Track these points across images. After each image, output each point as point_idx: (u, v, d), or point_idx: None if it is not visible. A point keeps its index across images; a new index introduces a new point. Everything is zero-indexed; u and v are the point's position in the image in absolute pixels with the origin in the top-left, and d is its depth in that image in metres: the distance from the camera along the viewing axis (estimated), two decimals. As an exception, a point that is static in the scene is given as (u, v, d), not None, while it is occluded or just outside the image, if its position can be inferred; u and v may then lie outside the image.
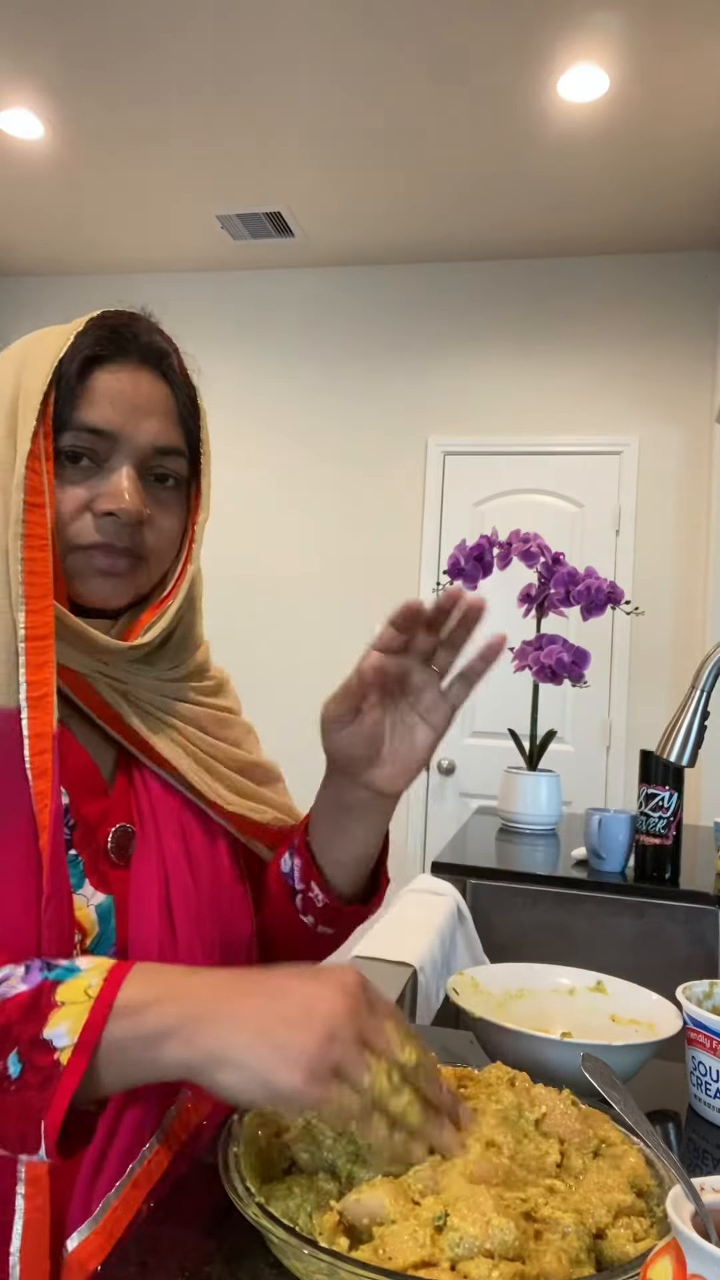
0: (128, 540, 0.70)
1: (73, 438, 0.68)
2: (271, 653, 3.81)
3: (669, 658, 3.46)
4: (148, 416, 0.70)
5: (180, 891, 0.71)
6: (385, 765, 0.70)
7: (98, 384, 0.68)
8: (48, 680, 0.65)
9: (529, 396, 3.66)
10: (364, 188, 3.24)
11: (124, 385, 0.69)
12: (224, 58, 2.59)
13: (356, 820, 0.74)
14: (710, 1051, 0.75)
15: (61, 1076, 0.51)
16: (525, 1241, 0.47)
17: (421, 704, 0.69)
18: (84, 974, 0.55)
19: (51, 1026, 0.52)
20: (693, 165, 2.97)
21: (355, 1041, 0.51)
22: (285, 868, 0.79)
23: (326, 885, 0.76)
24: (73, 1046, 0.51)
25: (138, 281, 4.06)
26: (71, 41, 2.56)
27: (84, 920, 0.65)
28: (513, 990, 0.91)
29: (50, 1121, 0.50)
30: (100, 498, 0.69)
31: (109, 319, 0.71)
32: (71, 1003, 0.53)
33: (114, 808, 0.71)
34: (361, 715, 0.68)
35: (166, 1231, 0.55)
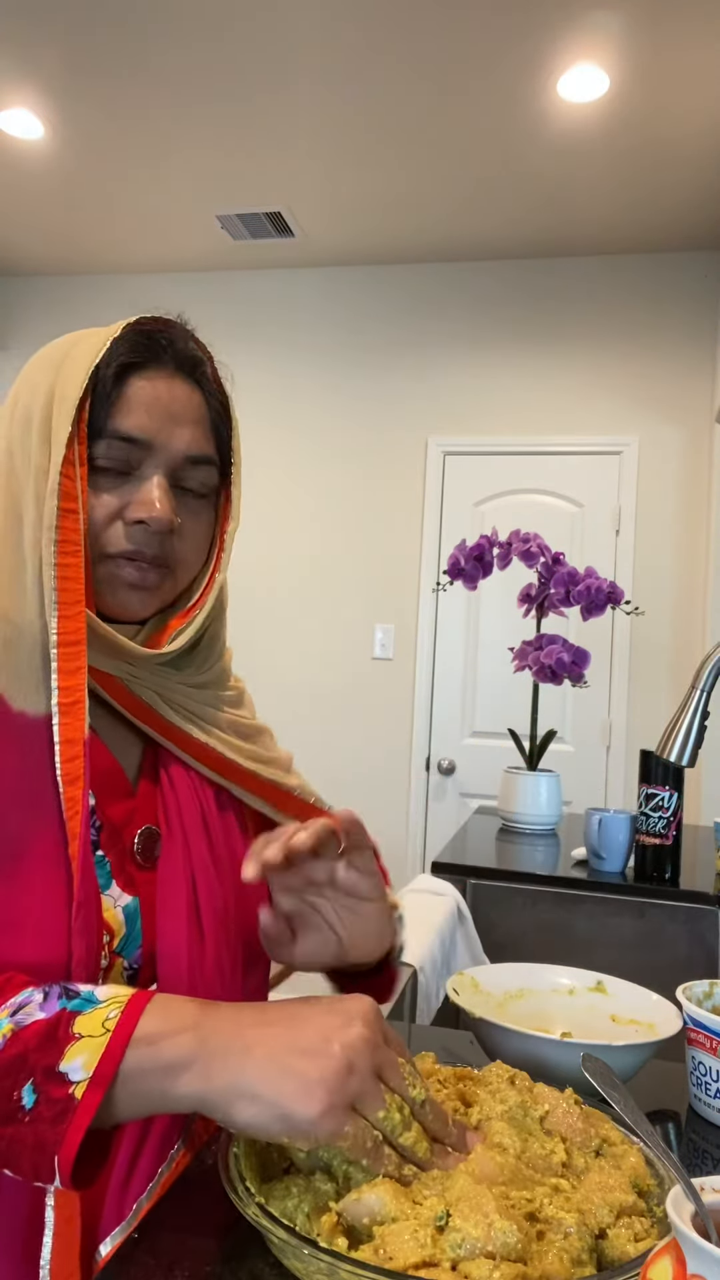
0: (157, 548, 0.70)
1: (107, 445, 0.68)
2: (271, 652, 3.81)
3: (669, 658, 3.46)
4: (181, 425, 0.70)
5: (207, 892, 0.71)
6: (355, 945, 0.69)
7: (133, 391, 0.68)
8: (80, 686, 0.64)
9: (529, 396, 3.66)
10: (364, 188, 3.24)
11: (159, 393, 0.69)
12: (224, 58, 2.59)
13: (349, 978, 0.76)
14: (710, 1051, 0.75)
15: (75, 1111, 0.50)
16: (528, 1243, 0.47)
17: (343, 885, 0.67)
18: (103, 1006, 0.54)
19: (68, 1060, 0.52)
20: (693, 165, 2.97)
21: (372, 1075, 0.52)
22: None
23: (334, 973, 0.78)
24: (88, 1081, 0.51)
25: (138, 281, 4.06)
26: (71, 42, 2.56)
27: (112, 921, 0.65)
28: (513, 990, 0.91)
29: (64, 1156, 0.50)
30: (132, 506, 0.69)
31: (145, 324, 0.71)
32: (89, 1035, 0.52)
33: (140, 809, 0.72)
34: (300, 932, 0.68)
35: (167, 1231, 0.55)
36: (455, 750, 3.62)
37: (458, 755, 3.62)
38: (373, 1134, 0.51)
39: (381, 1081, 0.52)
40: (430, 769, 3.64)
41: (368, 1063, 0.51)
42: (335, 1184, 0.53)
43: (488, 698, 3.61)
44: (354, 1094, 0.50)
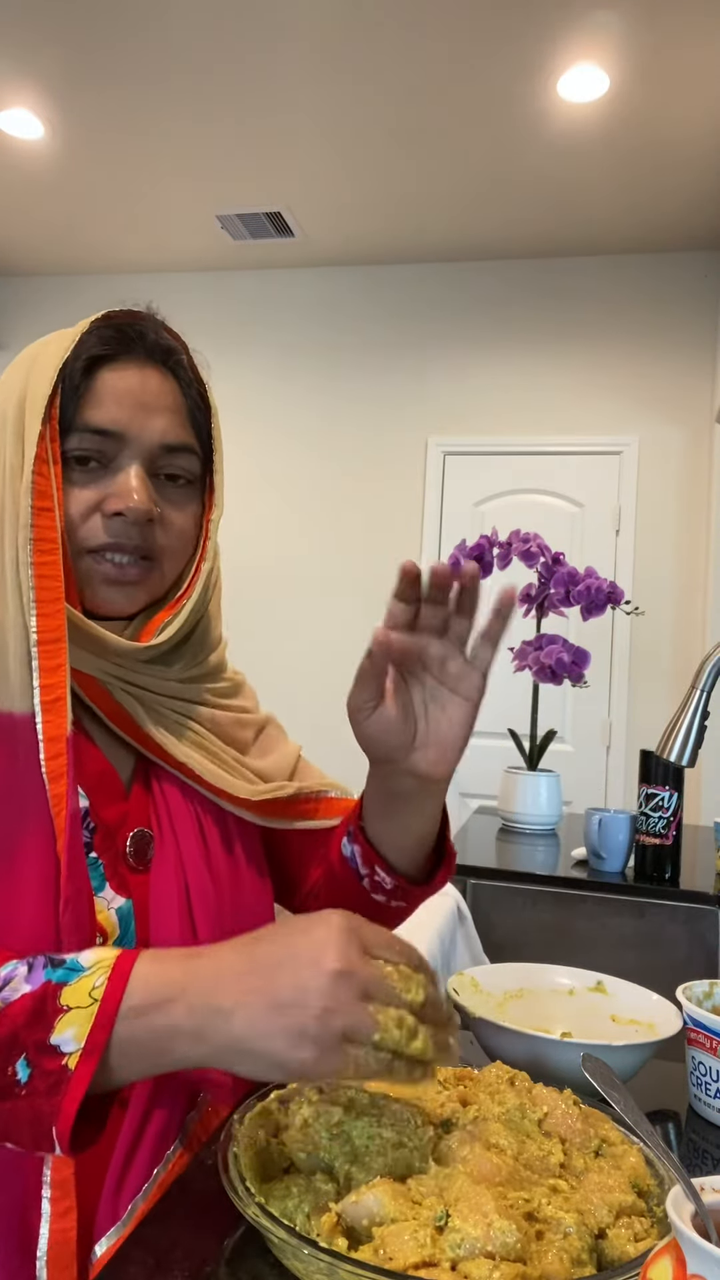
0: (138, 539, 0.69)
1: (79, 439, 0.67)
2: (271, 652, 3.81)
3: (669, 658, 3.46)
4: (155, 414, 0.69)
5: (200, 895, 0.71)
6: (426, 748, 0.68)
7: (103, 384, 0.68)
8: (61, 683, 0.64)
9: (529, 396, 3.66)
10: (364, 188, 3.24)
11: (130, 384, 0.69)
12: (224, 58, 2.59)
13: (409, 808, 0.73)
14: (710, 1051, 0.75)
15: (70, 1082, 0.51)
16: (527, 1243, 0.47)
17: (448, 676, 0.66)
18: (89, 974, 0.54)
19: (58, 1032, 0.52)
20: (693, 165, 2.97)
21: (356, 1001, 0.50)
22: (346, 852, 0.78)
23: (391, 869, 0.76)
24: (80, 1052, 0.51)
25: (138, 281, 4.06)
26: (71, 42, 2.56)
27: (105, 923, 0.65)
28: (513, 990, 0.91)
29: (61, 1127, 0.50)
30: (109, 498, 0.68)
31: (114, 318, 0.71)
32: (77, 1007, 0.52)
33: (133, 812, 0.71)
34: (385, 701, 0.66)
35: (166, 1231, 0.55)
36: (455, 750, 3.62)
37: (458, 755, 3.61)
38: (376, 1056, 0.50)
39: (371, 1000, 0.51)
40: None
41: (347, 993, 0.50)
42: (335, 1184, 0.53)
43: (488, 698, 3.58)
44: (342, 1029, 0.50)
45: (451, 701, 0.67)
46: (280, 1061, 0.50)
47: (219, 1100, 0.71)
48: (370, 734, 0.67)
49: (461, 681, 0.66)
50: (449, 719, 0.68)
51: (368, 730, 0.67)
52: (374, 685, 0.66)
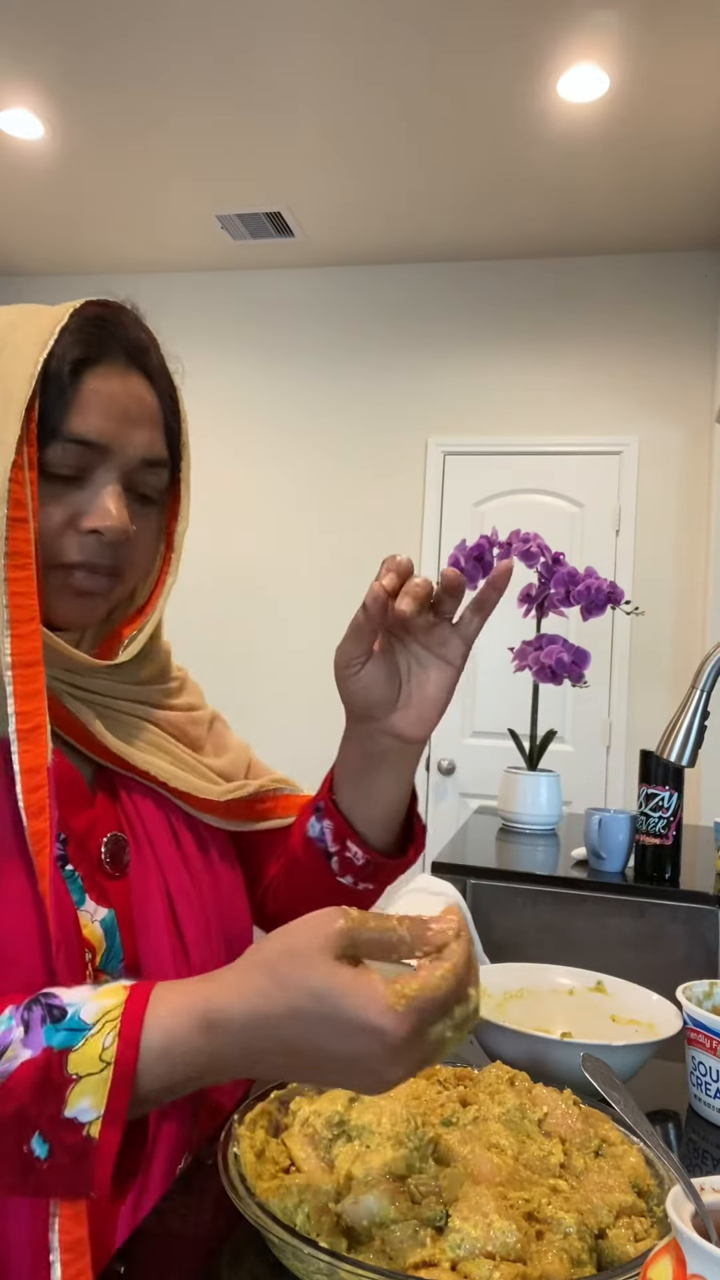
0: (110, 558, 0.66)
1: (62, 450, 0.62)
2: (271, 652, 3.81)
3: (669, 658, 3.46)
4: (138, 427, 0.66)
5: (182, 896, 0.69)
6: (407, 708, 0.69)
7: (89, 390, 0.63)
8: (39, 710, 0.60)
9: (529, 396, 3.66)
10: (364, 187, 3.24)
11: (115, 392, 0.64)
12: (224, 58, 2.59)
13: (384, 771, 0.73)
14: (710, 1051, 0.75)
15: (97, 1150, 0.48)
16: (527, 1243, 0.47)
17: (434, 641, 0.68)
18: (94, 1034, 0.49)
19: (72, 1105, 0.48)
20: (693, 165, 2.97)
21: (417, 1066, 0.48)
22: (313, 832, 0.77)
23: (364, 842, 0.75)
24: (100, 1120, 0.48)
25: (138, 281, 4.06)
26: (71, 42, 2.56)
27: (91, 937, 0.62)
28: (513, 990, 0.91)
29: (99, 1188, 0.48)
30: (86, 515, 0.64)
31: (93, 311, 0.66)
32: (88, 1075, 0.48)
33: (101, 818, 0.68)
34: (374, 657, 0.67)
35: (166, 1231, 0.55)
36: (455, 750, 3.62)
37: (458, 755, 3.62)
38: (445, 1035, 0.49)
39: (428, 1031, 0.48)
40: (430, 769, 3.64)
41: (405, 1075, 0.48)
42: (335, 1184, 0.53)
43: (488, 698, 3.61)
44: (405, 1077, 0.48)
45: (435, 665, 0.68)
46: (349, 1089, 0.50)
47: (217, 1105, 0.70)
48: (355, 690, 0.68)
49: (446, 646, 0.68)
50: (432, 682, 0.69)
51: (353, 686, 0.68)
52: (366, 641, 0.66)
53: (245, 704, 3.77)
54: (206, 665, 3.88)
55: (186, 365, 0.76)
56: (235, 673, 3.81)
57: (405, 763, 0.73)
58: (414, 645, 0.69)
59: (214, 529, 3.93)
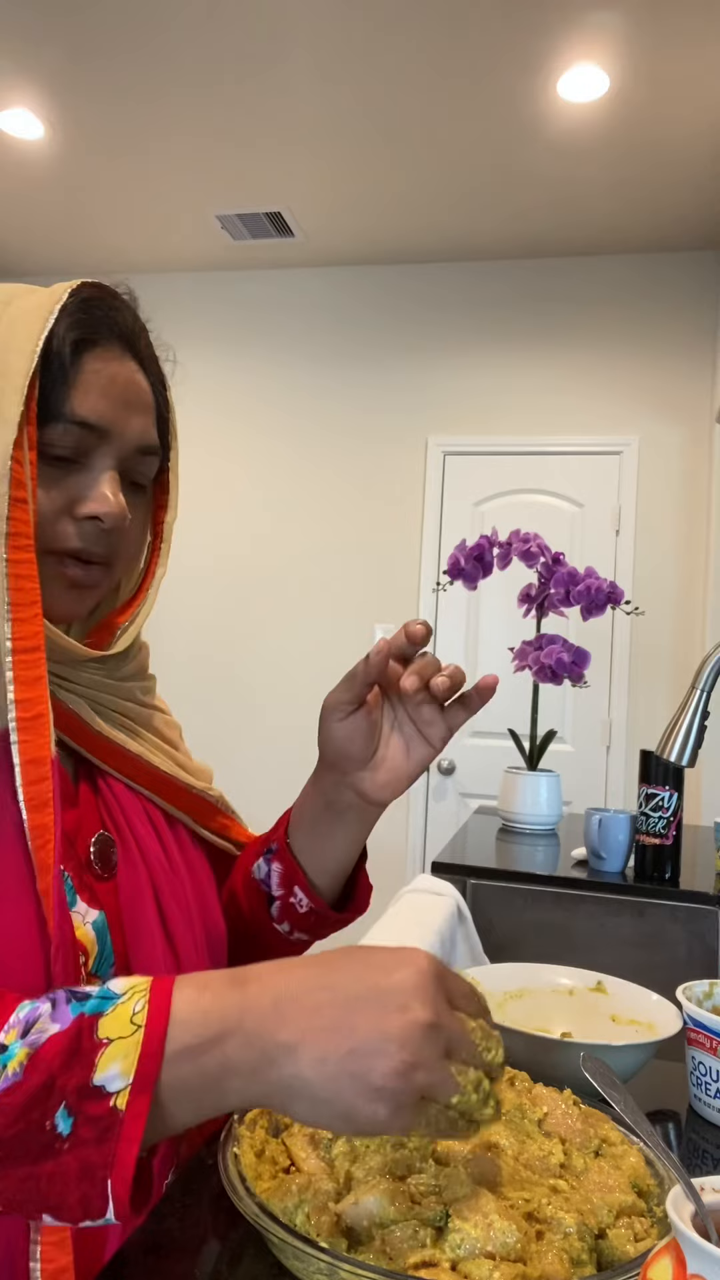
0: (105, 546, 0.64)
1: (63, 431, 0.61)
2: (271, 652, 3.81)
3: (669, 658, 3.46)
4: (136, 413, 0.65)
5: (170, 897, 0.68)
6: (377, 770, 0.69)
7: (90, 371, 0.62)
8: (41, 698, 0.58)
9: (529, 396, 3.66)
10: (364, 188, 3.24)
11: (115, 375, 0.63)
12: (224, 58, 2.59)
13: (341, 827, 0.73)
14: (710, 1051, 0.75)
15: (123, 1124, 0.44)
16: (527, 1243, 0.47)
17: (421, 717, 0.68)
18: (125, 1000, 0.47)
19: (101, 1070, 0.45)
20: (693, 165, 2.97)
21: (441, 1059, 0.46)
22: (259, 874, 0.76)
23: (312, 891, 0.74)
24: (129, 1088, 0.44)
25: (138, 281, 4.03)
26: (71, 41, 2.56)
27: (84, 940, 0.60)
28: (513, 990, 0.91)
29: (119, 1178, 0.43)
30: (84, 501, 0.63)
31: (91, 293, 0.65)
32: (119, 1037, 0.46)
33: (85, 816, 0.66)
34: (363, 710, 0.67)
35: (166, 1232, 0.55)
36: (455, 750, 3.62)
37: (458, 755, 3.62)
38: (447, 1115, 0.47)
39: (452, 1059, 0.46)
40: (430, 769, 3.64)
41: (433, 1051, 0.45)
42: (335, 1184, 0.53)
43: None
44: (421, 1089, 0.45)
45: (415, 740, 0.69)
46: (349, 1114, 0.44)
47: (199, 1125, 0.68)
48: (335, 736, 0.68)
49: (430, 727, 0.68)
50: (409, 754, 0.69)
51: (335, 731, 0.68)
52: (358, 690, 0.66)
53: (244, 704, 3.77)
54: (205, 665, 3.89)
55: (186, 365, 0.76)
56: (234, 673, 3.81)
57: (363, 824, 0.73)
58: (402, 714, 0.69)
59: (213, 529, 3.93)
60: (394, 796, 0.69)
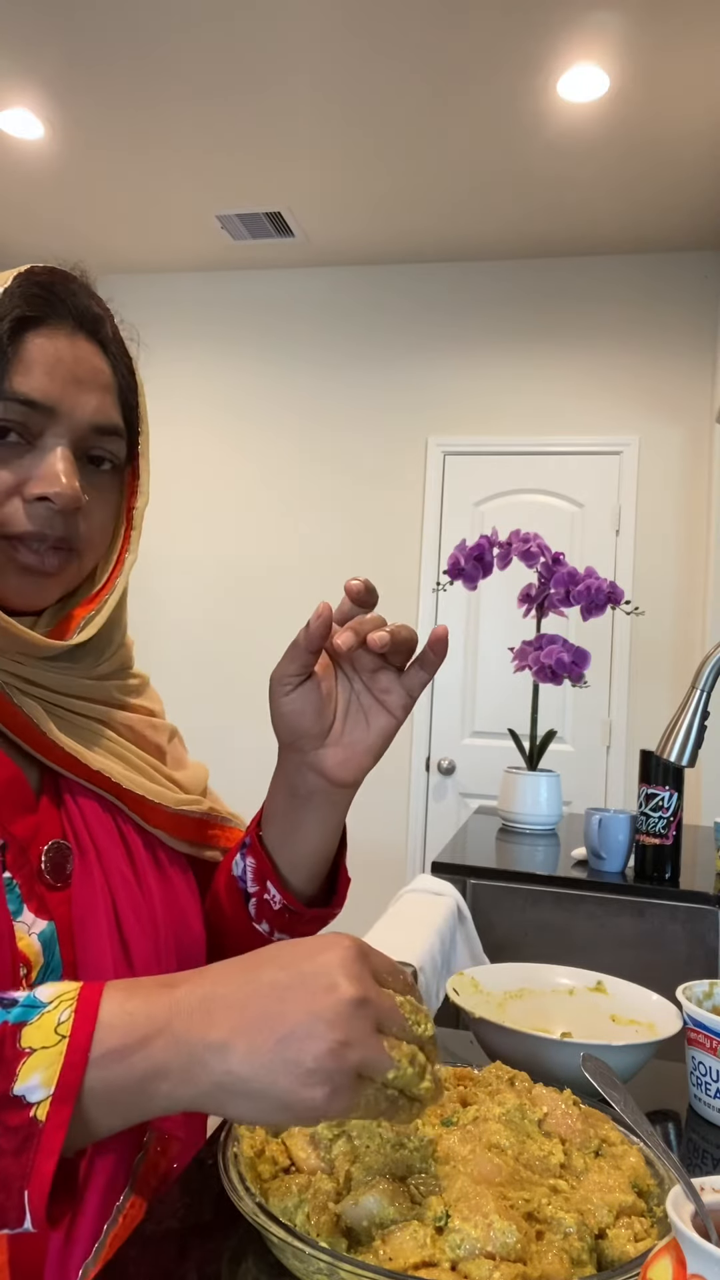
0: (61, 529, 0.62)
1: (4, 409, 0.59)
2: (271, 653, 3.81)
3: (669, 658, 3.46)
4: (88, 391, 0.63)
5: (130, 910, 0.65)
6: (336, 746, 0.65)
7: (33, 349, 0.60)
8: None
9: (529, 397, 3.66)
10: (364, 188, 3.24)
11: (61, 353, 0.61)
12: (224, 58, 2.59)
13: (309, 812, 0.69)
14: (710, 1051, 0.75)
15: (42, 1135, 0.43)
16: (527, 1243, 0.47)
17: (378, 685, 0.65)
18: (50, 1010, 0.46)
19: (22, 1080, 0.44)
20: (693, 165, 2.97)
21: (373, 1034, 0.46)
22: (237, 870, 0.74)
23: (284, 886, 0.71)
24: (50, 1099, 0.44)
25: (138, 281, 4.06)
26: (72, 41, 2.56)
27: (27, 951, 0.58)
28: (513, 990, 0.91)
29: (35, 1190, 0.42)
30: (33, 481, 0.61)
31: (39, 275, 0.64)
32: (42, 1047, 0.45)
33: (44, 824, 0.64)
34: (312, 681, 0.63)
35: (166, 1231, 0.55)
36: (455, 750, 3.62)
37: (458, 755, 3.62)
38: (386, 1094, 0.47)
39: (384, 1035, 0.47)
40: (430, 769, 3.64)
41: (363, 1026, 0.45)
42: (335, 1184, 0.53)
43: (488, 698, 3.61)
44: (357, 1065, 0.45)
45: (374, 710, 0.65)
46: (286, 1102, 0.44)
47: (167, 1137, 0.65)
48: (285, 712, 0.64)
49: (388, 695, 0.65)
50: (368, 725, 0.65)
51: (284, 707, 0.64)
52: (302, 660, 0.62)
53: (242, 705, 3.76)
54: (203, 665, 3.89)
55: (185, 365, 0.76)
56: (233, 673, 3.81)
57: (332, 808, 0.69)
58: (358, 685, 0.65)
59: (211, 529, 3.93)
60: (357, 775, 0.66)
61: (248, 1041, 0.45)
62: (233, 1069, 0.45)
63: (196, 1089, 0.45)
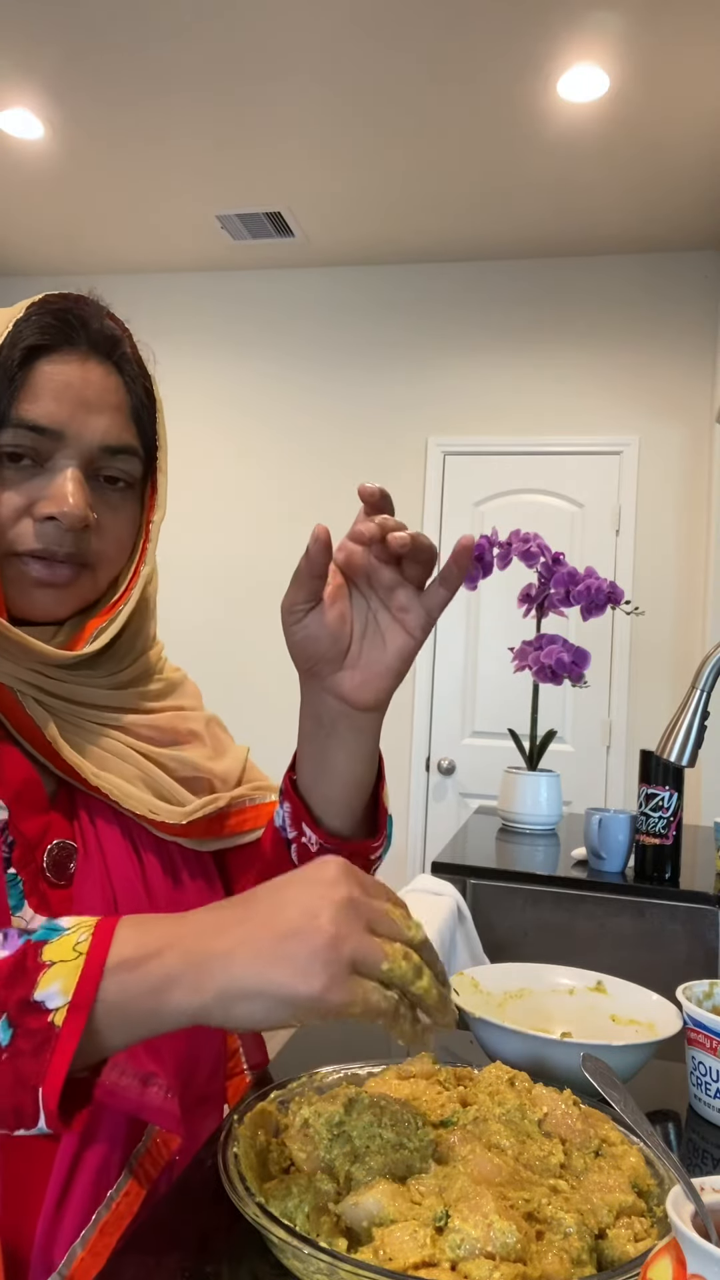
0: (70, 546, 0.65)
1: (13, 435, 0.62)
2: (271, 651, 3.81)
3: (669, 658, 3.46)
4: (97, 413, 0.65)
5: (131, 909, 0.66)
6: (354, 669, 0.64)
7: (41, 376, 0.63)
8: None
9: (529, 396, 3.66)
10: (364, 188, 3.24)
11: (70, 378, 0.64)
12: (224, 58, 2.59)
13: (335, 741, 0.68)
14: (710, 1051, 0.75)
15: (58, 1038, 0.47)
16: (527, 1243, 0.47)
17: (395, 604, 0.63)
18: (70, 932, 0.51)
19: (42, 988, 0.48)
20: (693, 165, 2.97)
21: (364, 931, 0.50)
22: (277, 820, 0.75)
23: (318, 825, 0.70)
24: (67, 1006, 0.47)
25: (138, 281, 4.06)
26: (72, 41, 2.56)
27: None
28: (513, 990, 0.91)
29: (49, 1088, 0.46)
30: (41, 501, 0.64)
31: (53, 303, 0.66)
32: (61, 960, 0.49)
33: (54, 824, 0.67)
34: (322, 606, 0.62)
35: (166, 1231, 0.55)
36: (455, 750, 3.62)
37: (458, 755, 3.62)
38: (385, 993, 0.49)
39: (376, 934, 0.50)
40: (430, 769, 3.64)
41: (355, 922, 0.49)
42: (335, 1184, 0.53)
43: (488, 698, 3.61)
44: (351, 957, 0.48)
45: (392, 629, 0.64)
46: (288, 995, 0.47)
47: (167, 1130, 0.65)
48: (299, 640, 0.64)
49: (407, 613, 0.63)
50: (386, 646, 0.64)
51: (296, 635, 0.63)
52: (309, 587, 0.61)
53: (243, 706, 3.76)
54: (204, 665, 3.88)
55: (185, 365, 0.76)
56: (233, 674, 3.81)
57: (358, 735, 0.67)
58: (375, 603, 0.64)
59: (211, 529, 3.93)
60: (379, 696, 0.65)
61: (250, 948, 0.49)
62: (235, 974, 0.48)
63: (204, 996, 0.48)
